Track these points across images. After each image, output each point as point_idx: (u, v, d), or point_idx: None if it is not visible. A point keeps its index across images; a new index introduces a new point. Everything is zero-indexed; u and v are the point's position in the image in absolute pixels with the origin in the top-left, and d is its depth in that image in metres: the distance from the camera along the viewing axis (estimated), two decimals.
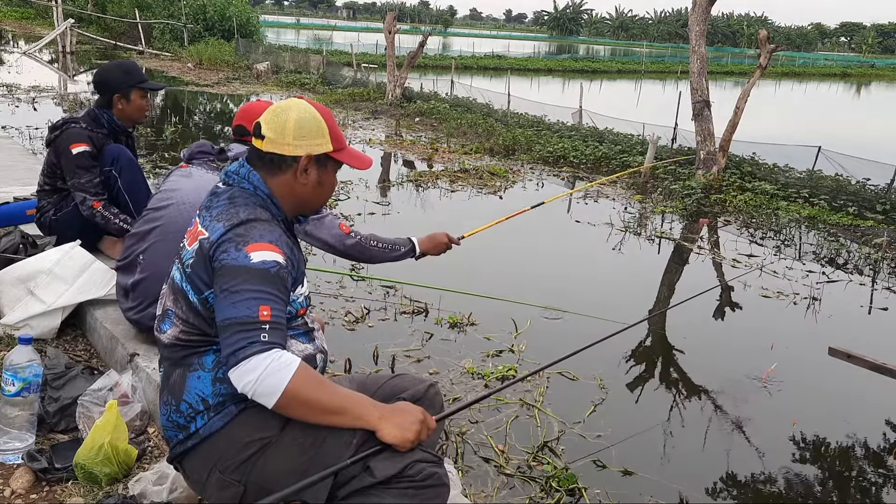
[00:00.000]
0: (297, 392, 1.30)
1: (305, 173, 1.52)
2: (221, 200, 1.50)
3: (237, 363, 1.30)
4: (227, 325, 1.33)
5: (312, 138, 1.51)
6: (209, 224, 1.46)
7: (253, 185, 1.52)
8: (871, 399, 3.53)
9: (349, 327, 3.71)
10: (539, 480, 2.53)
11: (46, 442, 2.05)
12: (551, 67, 34.39)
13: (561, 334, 3.94)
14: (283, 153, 1.50)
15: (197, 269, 1.44)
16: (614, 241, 5.87)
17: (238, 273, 1.36)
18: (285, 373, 1.30)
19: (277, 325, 1.34)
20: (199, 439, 1.44)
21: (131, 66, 3.12)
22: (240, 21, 24.98)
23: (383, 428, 1.37)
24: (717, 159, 8.22)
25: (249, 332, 1.31)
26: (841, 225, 6.75)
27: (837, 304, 4.75)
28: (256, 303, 1.33)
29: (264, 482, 1.41)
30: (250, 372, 1.29)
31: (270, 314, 1.34)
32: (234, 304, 1.33)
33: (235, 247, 1.39)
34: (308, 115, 1.52)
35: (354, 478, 1.39)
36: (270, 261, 1.38)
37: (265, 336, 1.31)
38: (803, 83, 37.66)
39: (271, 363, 1.29)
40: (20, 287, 2.55)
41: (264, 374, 1.29)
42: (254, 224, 1.43)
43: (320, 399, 1.34)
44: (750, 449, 2.95)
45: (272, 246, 1.40)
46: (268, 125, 1.51)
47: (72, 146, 2.91)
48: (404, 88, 13.95)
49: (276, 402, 1.30)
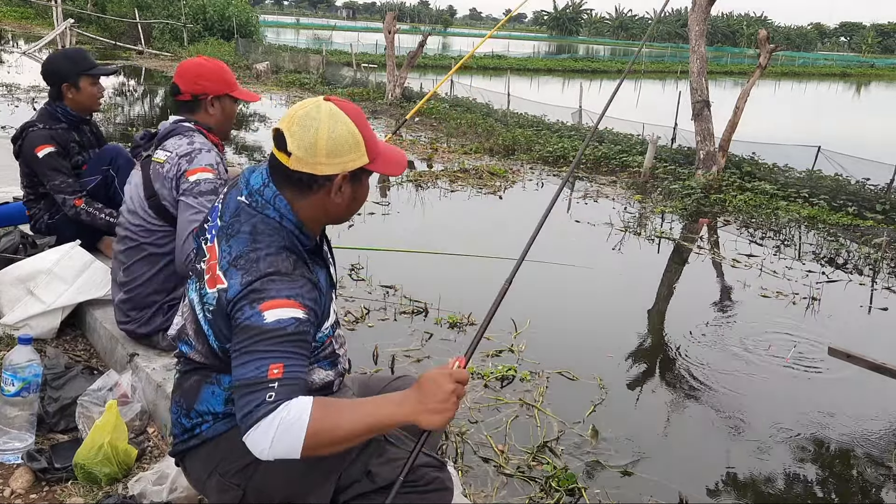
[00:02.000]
0: (318, 439, 1.21)
1: (340, 191, 1.35)
2: (243, 230, 1.35)
3: (247, 430, 1.21)
4: (238, 387, 1.24)
5: (348, 154, 1.33)
6: (227, 269, 1.32)
7: (280, 212, 1.35)
8: (870, 399, 3.53)
9: (349, 327, 3.71)
10: (539, 480, 2.54)
11: (46, 442, 2.04)
12: (551, 67, 34.41)
13: (561, 334, 3.94)
14: (315, 173, 1.32)
15: (218, 319, 1.35)
16: (614, 240, 5.87)
17: (251, 333, 1.25)
18: (297, 427, 1.19)
19: (290, 381, 1.24)
20: (202, 440, 1.43)
21: (76, 53, 3.05)
22: (239, 21, 24.99)
23: (422, 421, 1.26)
24: (717, 159, 8.22)
25: (256, 394, 1.21)
26: (840, 225, 6.75)
27: (837, 303, 4.75)
28: (267, 362, 1.23)
29: (264, 488, 1.40)
30: (261, 438, 1.20)
31: (283, 371, 1.23)
32: (244, 365, 1.24)
33: (250, 305, 1.27)
34: (342, 129, 1.32)
35: (356, 482, 1.38)
36: (287, 318, 1.26)
37: (271, 395, 1.21)
38: (803, 83, 37.67)
39: (280, 423, 1.19)
40: (20, 287, 2.54)
41: (276, 438, 1.19)
42: (272, 278, 1.28)
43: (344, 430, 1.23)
44: (750, 449, 2.95)
45: (291, 302, 1.27)
46: (294, 139, 1.31)
47: (36, 150, 2.84)
48: (404, 88, 13.96)
49: (302, 455, 1.21)
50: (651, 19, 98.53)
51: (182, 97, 2.22)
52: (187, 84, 2.21)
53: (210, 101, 2.22)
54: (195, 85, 2.20)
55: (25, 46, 20.52)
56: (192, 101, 2.22)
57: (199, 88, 2.21)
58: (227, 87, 2.24)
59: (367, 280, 4.37)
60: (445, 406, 1.25)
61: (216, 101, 2.23)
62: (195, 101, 2.22)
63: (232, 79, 2.27)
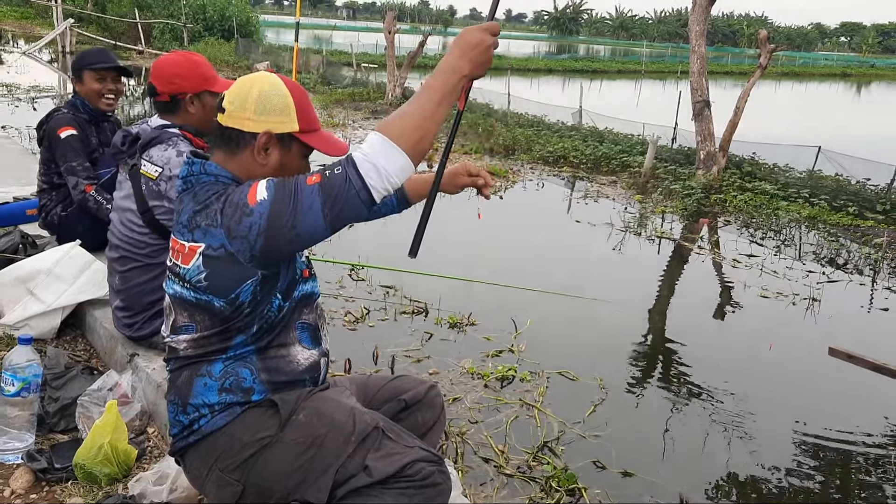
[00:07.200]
0: (407, 136, 1.27)
1: (265, 153, 1.39)
2: (187, 206, 1.39)
3: (369, 195, 1.25)
4: (329, 215, 1.26)
5: (275, 115, 1.38)
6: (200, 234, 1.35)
7: (213, 174, 1.39)
8: (871, 399, 3.53)
9: (349, 327, 3.71)
10: (539, 481, 2.53)
11: (46, 442, 2.04)
12: (551, 67, 34.39)
13: (561, 334, 3.94)
14: (242, 128, 1.38)
15: (216, 278, 1.36)
16: (614, 240, 5.87)
17: (277, 213, 1.27)
18: (380, 142, 1.25)
19: (327, 167, 1.28)
20: (200, 435, 1.43)
21: (93, 50, 3.13)
22: (239, 21, 24.98)
23: (471, 73, 1.35)
24: (717, 159, 8.22)
25: (335, 187, 1.25)
26: (841, 225, 6.75)
27: (837, 304, 4.75)
28: (305, 191, 1.26)
29: (263, 482, 1.40)
30: (370, 174, 1.24)
31: (315, 174, 1.28)
32: (310, 209, 1.26)
33: (247, 216, 1.29)
34: (273, 92, 1.39)
35: (353, 477, 1.38)
36: (267, 184, 1.30)
37: (337, 170, 1.25)
38: (803, 83, 37.67)
39: (367, 156, 1.25)
40: (20, 287, 2.54)
41: (379, 164, 1.24)
42: (229, 196, 1.33)
43: (418, 113, 1.30)
44: (750, 449, 2.95)
45: (255, 182, 1.32)
46: (230, 96, 1.40)
47: (59, 131, 2.91)
48: (404, 88, 13.95)
49: (414, 157, 1.28)
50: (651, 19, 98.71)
51: (160, 98, 2.15)
52: (163, 84, 2.13)
53: (189, 100, 2.14)
54: (171, 84, 2.13)
55: (25, 46, 20.53)
56: (170, 102, 2.15)
57: (175, 88, 2.13)
58: (205, 83, 2.15)
59: (367, 280, 4.37)
60: (487, 56, 1.35)
61: (195, 99, 2.15)
62: (174, 101, 2.15)
63: (210, 72, 2.18)
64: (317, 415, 1.43)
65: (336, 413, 1.44)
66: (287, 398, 1.44)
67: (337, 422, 1.42)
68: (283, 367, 1.47)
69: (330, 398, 1.49)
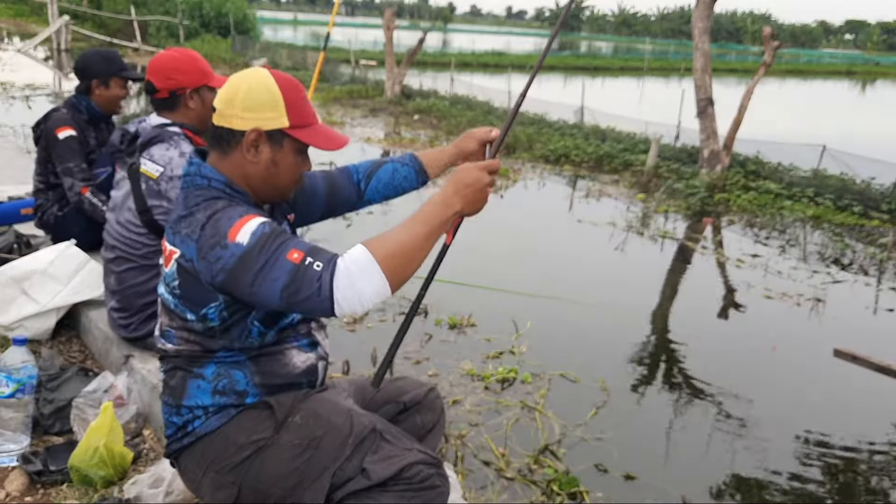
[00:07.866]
0: (392, 260, 1.24)
1: (256, 150, 1.36)
2: (178, 208, 1.39)
3: (331, 304, 1.21)
4: (287, 297, 1.22)
5: (263, 110, 1.35)
6: (179, 241, 1.35)
7: (206, 177, 1.37)
8: (877, 402, 3.50)
9: (348, 329, 3.68)
10: (540, 484, 2.51)
11: (41, 444, 2.03)
12: (553, 64, 34.26)
13: (562, 335, 3.91)
14: (232, 126, 1.36)
15: (186, 290, 1.35)
16: (617, 240, 5.84)
17: (245, 262, 1.23)
18: (366, 262, 1.22)
19: (316, 249, 1.24)
20: (195, 437, 1.42)
21: (112, 54, 3.11)
22: (236, 18, 24.89)
23: (464, 210, 1.36)
24: (721, 158, 8.17)
25: (303, 280, 1.20)
26: (846, 224, 6.71)
27: (842, 304, 4.71)
28: (280, 260, 1.22)
29: (259, 485, 1.39)
30: (347, 295, 1.20)
31: (300, 250, 1.23)
32: (270, 283, 1.22)
33: (220, 248, 1.26)
34: (261, 87, 1.36)
35: (350, 479, 1.36)
36: (256, 227, 1.26)
37: (318, 265, 1.21)
38: (808, 81, 37.55)
39: (348, 271, 1.21)
40: (14, 287, 2.52)
41: (357, 284, 1.21)
42: (216, 218, 1.30)
43: (409, 243, 1.27)
44: (754, 452, 2.92)
45: (245, 218, 1.28)
46: (220, 95, 1.38)
47: (57, 131, 2.90)
48: (403, 86, 13.91)
49: (392, 284, 1.25)
50: (654, 16, 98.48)
51: (159, 95, 2.15)
52: (162, 80, 2.13)
53: (189, 96, 2.15)
54: (170, 80, 2.13)
55: (20, 44, 20.49)
56: (169, 98, 2.15)
57: (174, 83, 2.13)
58: (204, 78, 2.16)
59: None
60: (483, 195, 1.37)
61: (195, 94, 2.15)
62: (173, 97, 2.15)
63: (207, 68, 2.19)
64: (313, 417, 1.41)
65: (333, 415, 1.43)
66: (282, 400, 1.42)
67: (334, 424, 1.41)
68: (279, 370, 1.45)
69: (327, 400, 1.48)
